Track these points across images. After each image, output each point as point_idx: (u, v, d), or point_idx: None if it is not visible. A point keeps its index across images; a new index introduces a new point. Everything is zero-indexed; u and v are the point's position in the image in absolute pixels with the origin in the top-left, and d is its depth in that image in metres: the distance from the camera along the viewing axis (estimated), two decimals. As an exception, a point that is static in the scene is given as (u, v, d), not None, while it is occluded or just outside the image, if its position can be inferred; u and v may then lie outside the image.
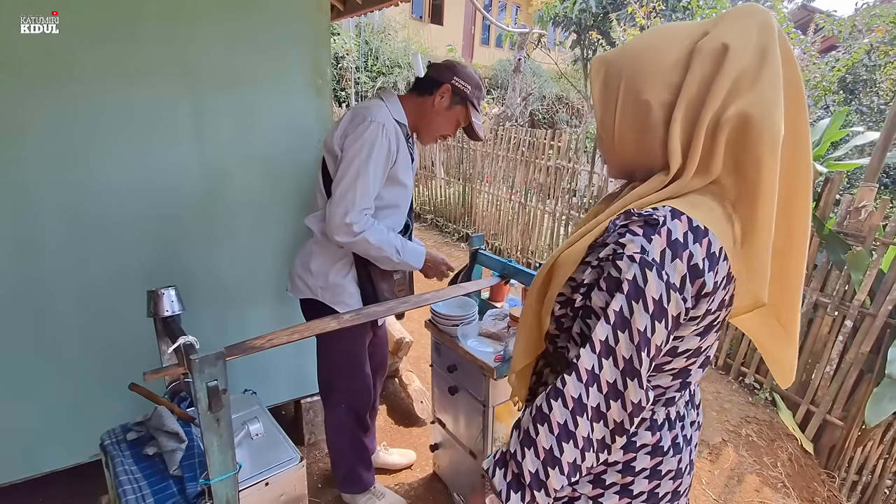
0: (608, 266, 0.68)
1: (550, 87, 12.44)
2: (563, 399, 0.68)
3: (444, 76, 1.52)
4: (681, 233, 0.65)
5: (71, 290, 1.56)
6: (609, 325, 0.66)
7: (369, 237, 1.42)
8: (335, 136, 1.45)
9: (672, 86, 0.69)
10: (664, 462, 0.80)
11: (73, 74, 1.42)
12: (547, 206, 4.51)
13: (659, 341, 0.66)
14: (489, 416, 1.60)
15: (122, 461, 1.05)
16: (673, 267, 0.65)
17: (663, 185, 0.71)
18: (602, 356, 0.67)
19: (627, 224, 0.69)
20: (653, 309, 0.65)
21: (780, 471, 2.33)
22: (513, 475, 0.73)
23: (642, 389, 0.66)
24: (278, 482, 1.08)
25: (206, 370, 0.87)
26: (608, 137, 0.78)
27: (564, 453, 0.68)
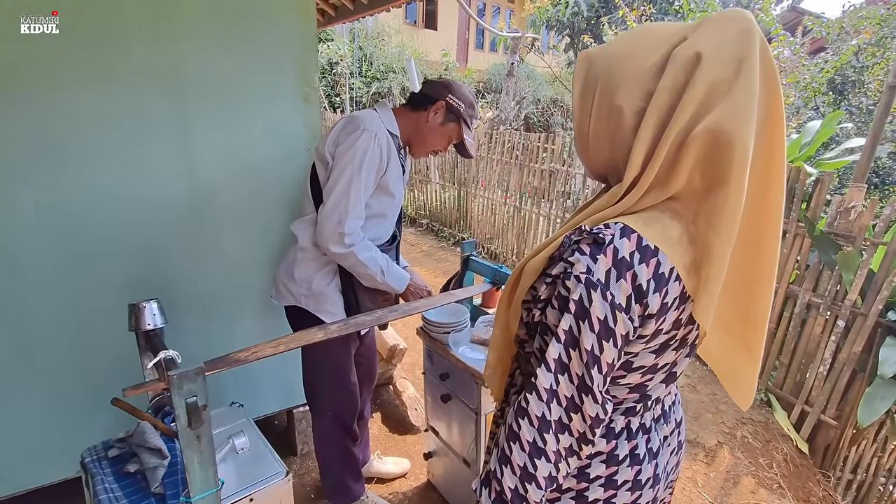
0: (559, 284, 0.68)
1: (545, 91, 12.48)
2: (528, 418, 0.69)
3: (440, 93, 1.54)
4: (627, 252, 0.64)
5: (52, 304, 1.53)
6: (560, 343, 0.67)
7: (359, 253, 1.43)
8: (327, 144, 1.45)
9: (647, 93, 0.66)
10: (619, 472, 0.79)
11: (51, 81, 1.41)
12: (542, 210, 4.51)
13: (610, 359, 0.66)
14: (482, 424, 1.58)
15: (103, 479, 1.03)
16: (618, 287, 0.64)
17: (616, 199, 0.69)
18: (557, 373, 0.67)
19: (578, 242, 0.68)
20: (598, 329, 0.65)
21: (775, 471, 2.32)
22: (496, 493, 0.73)
23: (597, 404, 0.67)
24: (263, 497, 1.06)
25: (185, 386, 0.85)
26: (583, 139, 0.76)
27: (538, 469, 0.69)
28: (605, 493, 0.80)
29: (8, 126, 1.38)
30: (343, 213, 1.39)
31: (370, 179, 1.44)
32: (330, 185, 1.41)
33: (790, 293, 2.68)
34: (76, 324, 1.58)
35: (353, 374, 1.69)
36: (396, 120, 1.55)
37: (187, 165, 1.64)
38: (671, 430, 0.87)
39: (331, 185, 1.41)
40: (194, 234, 1.72)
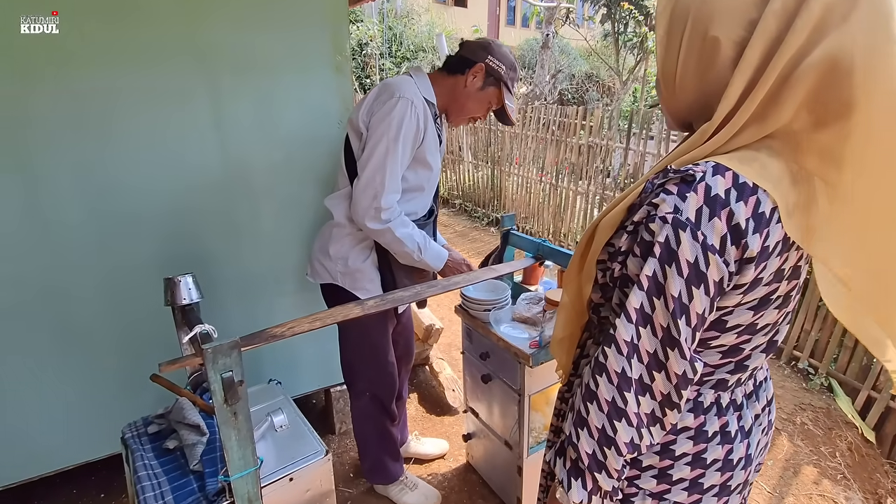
0: (641, 230, 0.64)
1: (580, 65, 12.03)
2: (606, 374, 0.65)
3: (478, 55, 1.44)
4: (722, 189, 0.58)
5: (92, 282, 1.54)
6: (643, 291, 0.62)
7: (396, 229, 1.37)
8: (360, 114, 1.38)
9: (748, 21, 0.59)
10: (708, 449, 0.73)
11: (84, 63, 1.39)
12: (579, 187, 4.33)
13: (700, 308, 0.60)
14: (525, 405, 1.51)
15: (142, 456, 1.01)
16: (711, 226, 0.58)
17: (706, 139, 0.63)
18: (639, 325, 0.63)
19: (664, 183, 0.63)
20: (687, 273, 0.59)
21: (839, 461, 2.16)
22: (571, 461, 0.70)
23: (685, 360, 0.61)
24: (303, 477, 1.03)
25: (220, 361, 0.81)
26: (669, 81, 0.68)
27: (619, 432, 0.65)
28: (691, 473, 0.73)
29: (48, 104, 1.37)
30: (379, 187, 1.32)
31: (406, 150, 1.36)
32: (365, 157, 1.34)
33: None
34: (116, 301, 1.59)
35: (392, 353, 1.64)
36: (433, 86, 1.45)
37: (220, 140, 1.61)
38: (762, 407, 0.79)
39: (366, 157, 1.34)
40: (229, 209, 1.69)
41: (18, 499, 1.79)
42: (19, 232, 1.42)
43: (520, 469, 1.61)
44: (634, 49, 8.98)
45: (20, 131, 1.37)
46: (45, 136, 1.39)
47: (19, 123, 1.36)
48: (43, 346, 1.54)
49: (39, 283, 1.48)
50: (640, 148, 3.79)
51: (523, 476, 1.61)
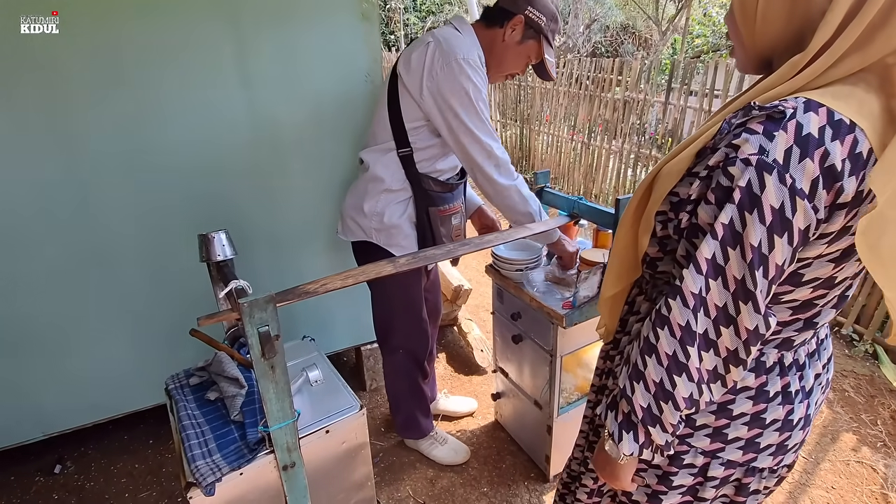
0: (717, 174, 0.58)
1: (615, 15, 11.34)
2: (669, 327, 0.61)
3: (518, 6, 1.34)
4: (815, 127, 0.53)
5: (132, 240, 1.58)
6: (716, 240, 0.57)
7: (521, 187, 1.39)
8: (422, 78, 1.28)
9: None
10: (768, 409, 0.70)
11: (115, 17, 1.37)
12: (613, 146, 4.16)
13: (780, 259, 0.56)
14: (557, 366, 1.49)
15: (186, 406, 1.05)
16: (801, 168, 0.53)
17: (797, 71, 0.57)
18: (709, 276, 0.58)
19: (745, 122, 0.57)
20: (771, 219, 0.54)
21: (880, 429, 2.09)
22: (623, 415, 0.69)
23: (759, 314, 0.57)
24: (339, 430, 1.05)
25: (257, 315, 0.81)
26: (748, 14, 0.62)
27: (677, 387, 0.62)
28: (748, 432, 0.72)
29: (79, 63, 1.37)
30: (489, 147, 1.32)
31: (486, 106, 1.34)
32: (456, 127, 1.31)
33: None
34: (155, 258, 1.63)
35: (424, 309, 1.65)
36: (479, 41, 1.38)
37: (247, 95, 1.58)
38: (822, 365, 0.76)
39: (457, 127, 1.30)
40: (258, 166, 1.68)
41: (75, 443, 1.92)
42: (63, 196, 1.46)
43: (549, 428, 1.61)
44: (675, -4, 8.38)
45: (57, 92, 1.37)
46: (81, 95, 1.40)
47: (58, 81, 1.36)
48: (92, 302, 1.60)
49: (84, 243, 1.53)
50: (679, 102, 3.58)
51: (553, 435, 1.62)
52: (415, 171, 1.38)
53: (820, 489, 1.80)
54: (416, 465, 1.84)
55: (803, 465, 1.90)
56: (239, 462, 0.92)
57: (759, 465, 0.75)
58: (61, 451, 1.91)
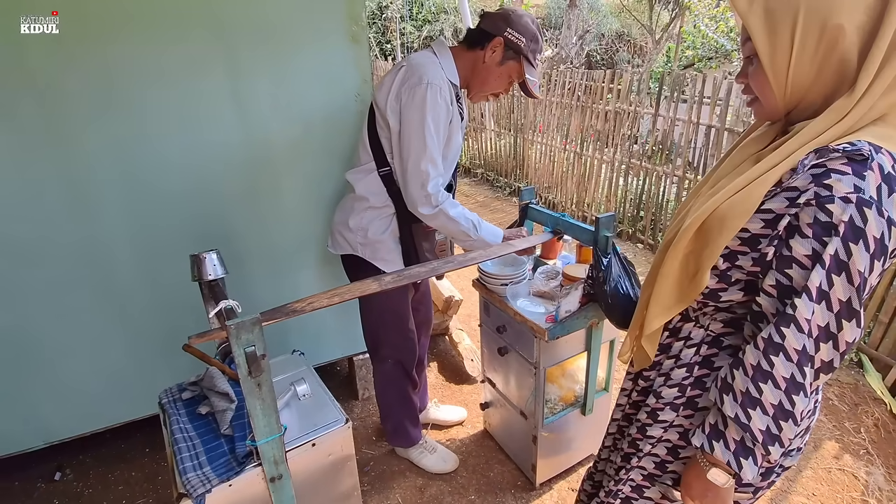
0: (812, 210, 0.66)
1: (610, 24, 11.45)
2: (784, 353, 0.68)
3: (497, 28, 1.39)
4: (890, 166, 0.63)
5: (129, 256, 1.63)
6: (824, 270, 0.65)
7: (448, 210, 1.40)
8: (388, 98, 1.36)
9: (867, 6, 0.64)
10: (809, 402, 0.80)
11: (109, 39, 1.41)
12: (605, 155, 4.22)
13: (874, 280, 0.66)
14: (540, 377, 1.54)
15: (178, 419, 1.09)
16: (891, 202, 0.63)
17: (844, 114, 0.67)
18: (815, 302, 0.66)
19: (824, 163, 0.66)
20: (874, 248, 0.64)
21: (863, 437, 2.13)
22: (736, 443, 0.75)
23: (860, 328, 0.67)
24: (325, 443, 1.09)
25: (244, 336, 0.86)
26: (779, 73, 0.71)
27: (796, 404, 0.70)
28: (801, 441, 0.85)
29: (76, 82, 1.41)
30: (424, 176, 1.35)
31: (440, 134, 1.37)
32: (405, 147, 1.35)
33: (897, 243, 2.35)
34: (152, 274, 1.68)
35: (412, 320, 1.69)
36: (455, 63, 1.43)
37: (240, 115, 1.63)
38: None
39: (405, 147, 1.35)
40: (251, 184, 1.73)
41: (74, 451, 1.96)
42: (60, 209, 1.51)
43: (535, 438, 1.65)
44: (669, 4, 8.47)
45: (56, 113, 1.42)
46: (78, 117, 1.44)
47: (54, 105, 1.41)
48: (91, 314, 1.65)
49: (84, 257, 1.58)
50: (669, 114, 3.64)
51: (538, 445, 1.66)
52: (396, 188, 1.44)
53: (801, 496, 1.84)
54: (406, 474, 1.88)
55: (785, 472, 1.94)
56: (228, 474, 0.97)
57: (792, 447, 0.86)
58: (61, 459, 1.95)
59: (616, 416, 1.11)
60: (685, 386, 0.90)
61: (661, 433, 0.94)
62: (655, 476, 0.96)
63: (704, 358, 0.87)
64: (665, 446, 0.94)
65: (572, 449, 1.79)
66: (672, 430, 0.92)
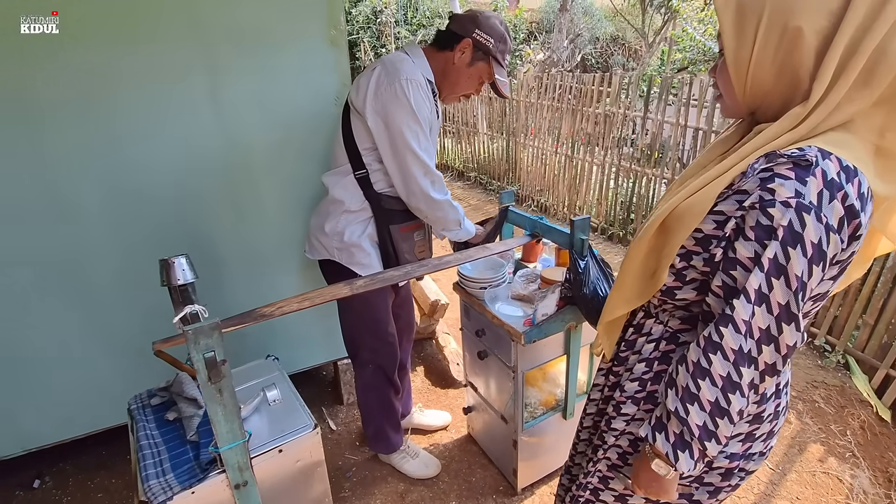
0: (755, 214, 0.67)
1: (604, 27, 11.50)
2: (722, 352, 0.70)
3: (465, 29, 1.40)
4: (834, 172, 0.63)
5: (106, 261, 1.61)
6: (763, 273, 0.66)
7: (451, 200, 1.46)
8: (367, 99, 1.35)
9: (830, 11, 0.64)
10: (766, 407, 0.83)
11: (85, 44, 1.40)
12: (595, 158, 4.22)
13: (814, 284, 0.66)
14: (519, 381, 1.53)
15: (145, 426, 1.08)
16: (831, 208, 0.63)
17: (799, 121, 0.68)
18: (755, 304, 0.67)
19: (771, 167, 0.67)
20: (812, 253, 0.64)
21: (849, 439, 2.13)
22: (675, 436, 0.76)
23: (799, 332, 0.67)
24: (292, 449, 1.08)
25: (202, 341, 0.85)
26: (741, 70, 0.72)
27: (732, 403, 0.71)
28: (749, 427, 0.84)
29: (57, 87, 1.41)
30: (425, 165, 1.38)
31: (426, 128, 1.38)
32: (396, 145, 1.36)
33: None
34: (129, 278, 1.66)
35: (392, 324, 1.68)
36: (429, 64, 1.44)
37: (219, 119, 1.62)
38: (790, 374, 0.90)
39: (397, 144, 1.35)
40: (231, 188, 1.72)
41: (54, 459, 1.94)
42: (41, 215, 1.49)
43: (515, 442, 1.64)
44: (661, 8, 8.52)
45: (32, 115, 1.41)
46: (55, 120, 1.43)
47: (30, 107, 1.40)
48: (68, 319, 1.63)
49: (61, 262, 1.56)
50: (657, 117, 3.65)
51: (518, 449, 1.65)
52: (373, 191, 1.44)
53: (784, 500, 1.83)
54: (388, 480, 1.87)
55: (769, 475, 1.93)
56: (190, 481, 0.95)
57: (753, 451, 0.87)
58: (40, 467, 1.93)
59: (590, 411, 1.12)
60: (645, 380, 0.91)
61: (624, 426, 0.95)
62: (618, 467, 0.97)
63: (663, 353, 0.89)
64: (627, 438, 0.95)
65: (554, 453, 1.78)
66: (634, 423, 0.94)
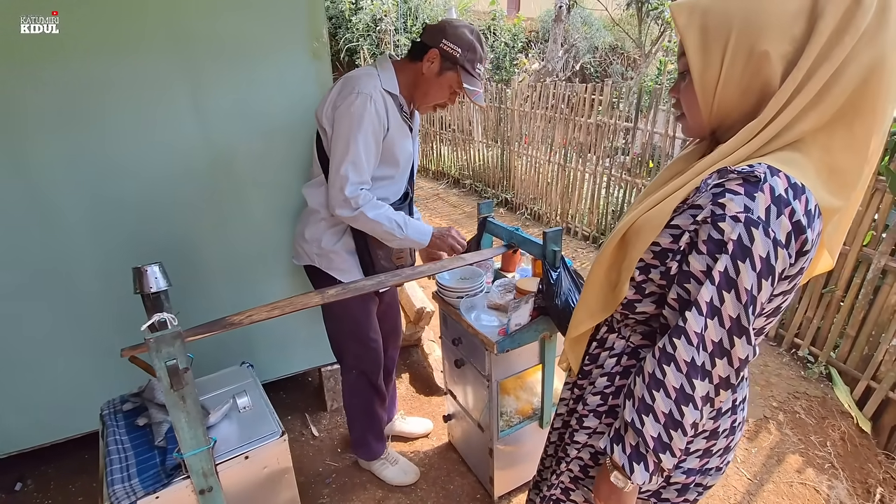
0: (707, 228, 0.68)
1: (603, 37, 11.58)
2: (675, 364, 0.70)
3: (433, 39, 1.42)
4: (782, 188, 0.65)
5: (87, 265, 1.63)
6: (714, 286, 0.67)
7: (367, 212, 1.40)
8: (324, 108, 1.41)
9: (793, 37, 0.66)
10: (721, 422, 0.85)
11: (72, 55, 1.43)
12: (588, 167, 4.25)
13: (764, 298, 0.67)
14: (494, 390, 1.55)
15: (115, 431, 1.10)
16: (778, 223, 0.65)
17: (753, 135, 0.70)
18: (707, 317, 0.68)
19: (723, 183, 0.68)
20: (760, 267, 0.65)
21: (828, 451, 2.14)
22: (632, 448, 0.77)
23: (750, 345, 0.68)
24: (259, 455, 1.10)
25: (164, 349, 0.87)
26: (707, 91, 0.73)
27: (685, 415, 0.71)
28: (706, 444, 0.85)
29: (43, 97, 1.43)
30: (344, 180, 1.36)
31: (370, 142, 1.38)
32: (332, 153, 1.39)
33: (863, 257, 2.37)
34: (110, 283, 1.68)
35: (374, 330, 1.70)
36: (397, 76, 1.46)
37: (202, 128, 1.65)
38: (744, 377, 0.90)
39: (332, 153, 1.39)
40: (215, 195, 1.74)
41: (36, 462, 1.95)
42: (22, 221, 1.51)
43: (491, 451, 1.66)
44: (658, 18, 8.58)
45: (15, 124, 1.43)
46: (39, 129, 1.45)
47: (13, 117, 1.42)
48: (48, 323, 1.65)
49: (42, 268, 1.58)
50: (647, 127, 3.69)
51: (494, 457, 1.66)
52: None
53: (761, 511, 1.84)
54: (367, 486, 1.88)
55: (746, 486, 1.94)
56: (154, 486, 0.97)
57: (710, 466, 0.89)
58: (22, 470, 1.95)
59: (557, 425, 1.14)
60: (607, 394, 0.92)
61: (586, 439, 0.96)
62: (580, 479, 0.98)
63: (625, 368, 0.90)
64: (589, 451, 0.97)
65: (531, 462, 1.79)
66: (595, 436, 0.95)
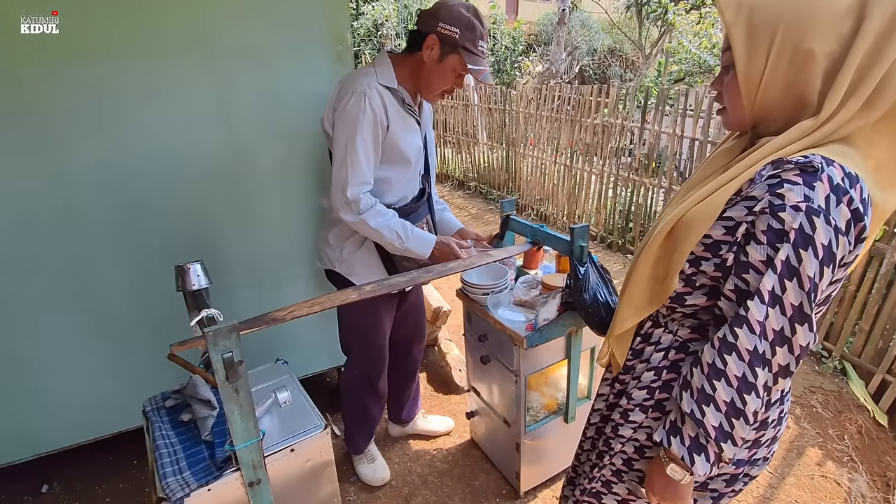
0: (766, 218, 0.69)
1: (601, 40, 11.67)
2: (737, 353, 0.71)
3: (429, 26, 1.36)
4: (839, 178, 0.67)
5: (116, 267, 1.66)
6: (776, 275, 0.68)
7: (369, 220, 1.39)
8: (326, 113, 1.42)
9: (840, 36, 0.67)
10: (770, 413, 0.86)
11: (97, 59, 1.45)
12: (594, 167, 4.28)
13: (824, 286, 0.68)
14: (521, 385, 1.57)
15: (161, 427, 1.12)
16: (838, 211, 0.66)
17: (808, 133, 0.71)
18: (769, 306, 0.69)
19: (779, 174, 0.69)
20: (822, 255, 0.66)
21: (846, 444, 2.15)
22: (691, 439, 0.78)
23: (812, 332, 0.69)
24: (304, 448, 1.12)
25: (221, 342, 0.89)
26: (751, 86, 0.75)
27: (748, 404, 0.72)
28: (755, 434, 0.86)
29: (67, 99, 1.45)
30: (344, 182, 1.35)
31: (368, 142, 1.36)
32: (333, 156, 1.39)
33: (875, 252, 2.40)
34: (138, 285, 1.70)
35: (382, 334, 1.71)
36: (395, 70, 1.42)
37: (226, 132, 1.67)
38: None
39: (333, 155, 1.39)
40: (239, 199, 1.77)
41: (62, 464, 1.96)
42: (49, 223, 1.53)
43: (518, 445, 1.68)
44: (658, 21, 8.66)
45: (42, 126, 1.44)
46: (64, 132, 1.47)
47: (41, 119, 1.44)
48: (77, 326, 1.67)
49: (68, 270, 1.60)
50: (654, 127, 3.72)
51: (521, 452, 1.68)
52: None
53: (784, 503, 1.85)
54: (392, 484, 1.89)
55: (768, 479, 1.96)
56: (207, 479, 0.99)
57: (758, 456, 0.90)
58: (48, 472, 1.95)
59: (594, 421, 1.15)
60: (654, 389, 0.93)
61: (631, 433, 0.97)
62: (623, 472, 1.00)
63: (672, 362, 0.91)
64: (633, 445, 0.98)
65: (556, 457, 1.81)
66: (641, 430, 0.96)
